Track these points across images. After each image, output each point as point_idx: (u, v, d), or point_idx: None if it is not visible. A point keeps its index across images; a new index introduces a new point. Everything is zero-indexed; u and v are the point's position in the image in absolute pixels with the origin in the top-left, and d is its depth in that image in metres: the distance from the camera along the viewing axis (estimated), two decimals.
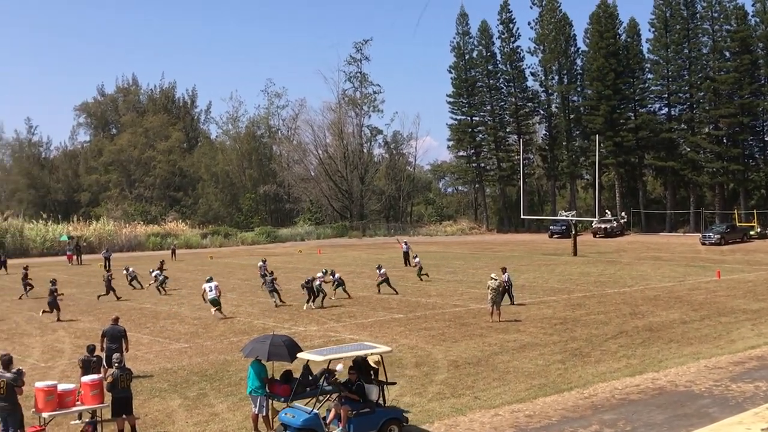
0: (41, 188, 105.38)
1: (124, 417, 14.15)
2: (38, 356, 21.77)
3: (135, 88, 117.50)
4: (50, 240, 71.45)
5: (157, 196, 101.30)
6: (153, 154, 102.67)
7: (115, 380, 14.09)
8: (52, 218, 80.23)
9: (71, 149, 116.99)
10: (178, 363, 20.41)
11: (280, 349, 14.39)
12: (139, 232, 78.38)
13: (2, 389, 13.17)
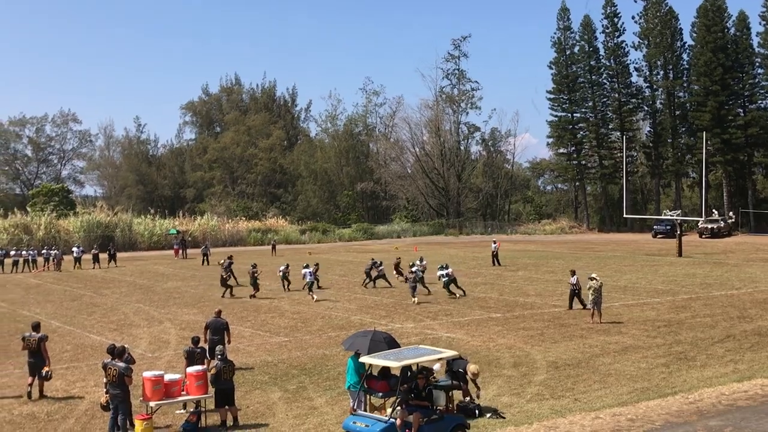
0: (149, 184, 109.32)
1: (226, 408, 14.51)
2: (145, 347, 22.57)
3: (238, 88, 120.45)
4: (157, 234, 74.04)
5: (259, 193, 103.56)
6: (255, 151, 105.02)
7: (218, 372, 14.46)
8: (159, 213, 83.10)
9: (177, 147, 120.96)
10: (278, 356, 20.79)
11: (380, 345, 14.46)
12: (241, 228, 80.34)
13: (114, 377, 13.73)
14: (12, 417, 15.35)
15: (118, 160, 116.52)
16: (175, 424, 14.66)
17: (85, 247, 57.92)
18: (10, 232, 66.90)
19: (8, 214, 73.21)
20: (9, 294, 37.20)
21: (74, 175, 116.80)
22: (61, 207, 78.06)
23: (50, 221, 69.99)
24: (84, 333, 25.15)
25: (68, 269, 50.21)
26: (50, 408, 15.76)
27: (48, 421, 14.97)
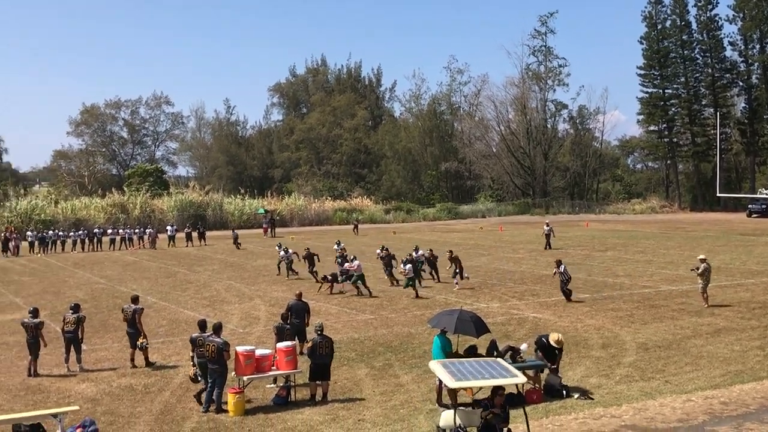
0: (238, 165, 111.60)
1: (317, 383, 14.82)
2: (237, 322, 23.19)
3: (324, 69, 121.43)
4: (247, 213, 75.76)
5: (344, 173, 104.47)
6: (340, 132, 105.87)
7: (314, 346, 14.77)
8: (248, 193, 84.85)
9: (265, 128, 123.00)
10: (364, 333, 21.07)
11: (466, 324, 14.50)
12: (327, 207, 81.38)
13: (213, 353, 14.21)
14: (111, 389, 16.04)
15: (209, 142, 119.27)
16: (265, 398, 15.06)
17: (178, 226, 59.69)
18: (107, 212, 69.63)
19: (106, 194, 76.18)
20: (107, 271, 38.73)
21: (167, 156, 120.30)
22: (155, 187, 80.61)
23: (145, 201, 72.51)
24: (178, 308, 26.01)
25: (162, 247, 51.87)
26: (147, 381, 16.40)
27: (145, 393, 15.59)
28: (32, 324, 17.17)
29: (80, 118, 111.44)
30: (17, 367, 17.70)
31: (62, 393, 15.74)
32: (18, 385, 16.39)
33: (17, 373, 17.37)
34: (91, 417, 13.60)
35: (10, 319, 23.85)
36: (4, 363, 18.55)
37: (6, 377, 17.10)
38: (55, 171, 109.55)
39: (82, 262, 43.72)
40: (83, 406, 14.53)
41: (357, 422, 13.43)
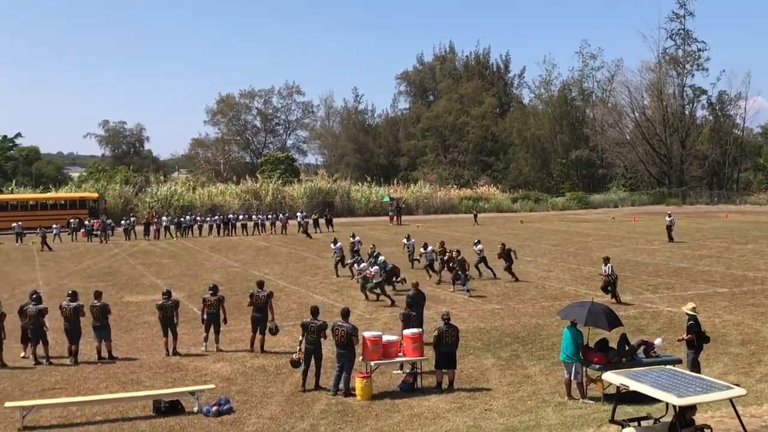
0: (365, 153, 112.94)
1: (444, 371, 14.81)
2: (363, 308, 23.50)
3: (451, 56, 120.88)
4: (373, 201, 76.67)
5: (470, 161, 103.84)
6: (467, 119, 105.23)
7: (440, 334, 14.77)
8: (375, 181, 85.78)
9: (392, 116, 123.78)
10: (490, 323, 20.89)
11: (598, 317, 14.12)
12: (452, 196, 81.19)
13: (343, 338, 14.44)
14: (245, 369, 16.60)
15: (338, 130, 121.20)
16: (392, 384, 15.19)
17: (307, 212, 61.08)
18: (241, 198, 72.24)
19: (240, 180, 78.97)
20: (241, 255, 40.09)
21: (298, 145, 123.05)
22: (286, 174, 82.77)
23: (277, 188, 74.66)
24: (308, 293, 26.60)
25: (293, 232, 53.20)
26: (278, 362, 16.85)
27: (276, 374, 16.03)
28: (167, 304, 17.98)
29: (216, 108, 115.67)
30: (157, 346, 18.58)
31: (199, 372, 16.41)
32: (158, 363, 17.21)
33: (157, 351, 18.24)
34: (226, 395, 14.13)
35: (151, 300, 25.03)
36: (145, 341, 19.53)
37: (147, 355, 17.99)
38: (193, 158, 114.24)
39: (217, 246, 45.45)
40: (219, 385, 15.11)
41: (483, 412, 13.34)
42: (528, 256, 35.09)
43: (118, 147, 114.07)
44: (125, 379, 15.92)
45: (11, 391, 15.12)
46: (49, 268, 35.70)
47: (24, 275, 33.21)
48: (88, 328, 17.97)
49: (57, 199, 63.15)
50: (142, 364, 17.19)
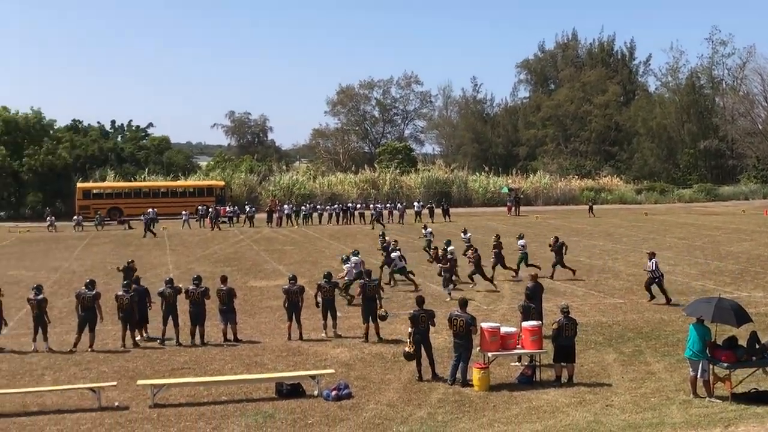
0: (483, 142, 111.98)
1: (563, 364, 14.59)
2: (480, 299, 23.40)
3: (574, 43, 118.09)
4: (491, 191, 76.08)
5: (592, 151, 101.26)
6: (589, 108, 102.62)
7: (560, 328, 14.56)
8: (493, 171, 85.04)
9: (511, 105, 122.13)
10: (612, 317, 20.40)
11: (725, 313, 13.55)
12: (573, 186, 79.54)
13: (461, 328, 14.45)
14: (363, 355, 16.86)
15: (455, 120, 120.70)
16: (510, 376, 15.08)
17: (424, 202, 61.26)
18: (360, 187, 73.24)
19: (359, 170, 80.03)
20: (359, 243, 40.54)
21: (415, 134, 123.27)
22: (403, 164, 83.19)
23: (394, 177, 75.19)
24: (425, 282, 26.69)
25: (409, 222, 53.49)
26: (396, 350, 17.00)
27: (394, 361, 16.19)
28: (293, 289, 18.47)
29: (337, 99, 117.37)
30: (280, 330, 19.12)
31: (319, 356, 16.79)
32: (280, 347, 17.71)
33: (279, 335, 18.77)
34: (345, 380, 14.40)
35: (274, 285, 25.78)
36: (268, 325, 20.13)
37: (270, 339, 18.54)
38: (314, 148, 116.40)
39: (336, 234, 46.25)
40: (338, 370, 15.41)
41: (604, 407, 13.06)
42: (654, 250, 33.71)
43: (243, 137, 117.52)
44: (249, 361, 16.46)
45: (143, 370, 15.92)
46: (179, 253, 37.29)
47: (156, 259, 34.83)
48: (213, 311, 18.70)
49: (186, 186, 65.77)
50: (265, 347, 17.74)
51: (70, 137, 75.16)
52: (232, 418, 12.90)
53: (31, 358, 17.01)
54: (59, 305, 22.43)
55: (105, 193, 62.45)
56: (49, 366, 16.30)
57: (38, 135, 66.04)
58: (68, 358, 16.91)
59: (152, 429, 12.42)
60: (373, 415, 12.87)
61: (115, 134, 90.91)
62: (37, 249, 40.05)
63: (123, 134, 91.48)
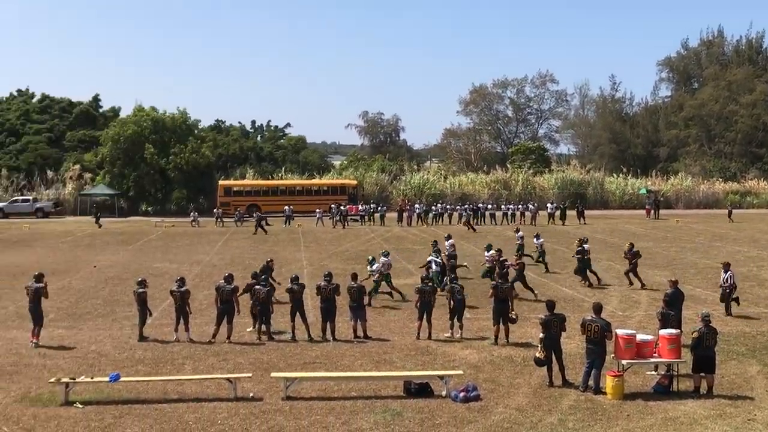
0: (621, 143, 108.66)
1: (702, 375, 13.96)
2: (616, 305, 22.71)
3: (719, 40, 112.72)
4: (628, 194, 73.73)
5: (738, 152, 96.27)
6: (735, 108, 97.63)
7: (700, 337, 13.96)
8: (631, 172, 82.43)
9: (652, 104, 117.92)
10: (756, 328, 19.38)
11: None
12: (717, 189, 75.94)
13: (596, 333, 14.08)
14: (492, 358, 16.71)
15: (592, 119, 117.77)
16: (645, 385, 14.56)
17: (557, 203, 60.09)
18: (491, 187, 72.67)
19: (490, 170, 79.39)
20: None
21: (550, 134, 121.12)
22: (537, 164, 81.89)
23: (527, 178, 74.16)
24: (557, 286, 26.20)
25: (541, 223, 52.60)
26: (526, 353, 16.73)
27: (524, 365, 15.95)
28: (426, 289, 18.56)
29: (469, 98, 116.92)
30: (409, 329, 19.23)
31: (447, 357, 16.77)
32: (409, 345, 17.81)
33: (408, 333, 18.88)
34: (473, 382, 14.32)
35: (403, 284, 25.92)
36: (397, 323, 20.30)
37: (399, 337, 18.68)
38: (445, 148, 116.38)
39: (466, 234, 46.06)
40: (466, 372, 15.34)
41: (746, 422, 12.42)
42: None
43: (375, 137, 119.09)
44: (378, 358, 16.65)
45: (276, 363, 16.39)
46: (312, 250, 38.19)
47: (290, 255, 35.82)
48: (344, 308, 19.03)
49: (320, 185, 67.28)
50: (394, 345, 17.89)
51: (213, 136, 78.50)
52: (361, 414, 13.07)
53: (172, 347, 17.85)
54: (200, 297, 23.41)
55: (244, 190, 64.84)
56: (189, 356, 17.05)
57: (184, 134, 69.16)
58: (207, 349, 17.64)
59: (284, 421, 12.77)
60: (501, 419, 12.73)
61: (255, 134, 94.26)
62: (181, 243, 42.00)
63: (262, 134, 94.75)
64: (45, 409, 13.45)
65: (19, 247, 40.57)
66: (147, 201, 68.35)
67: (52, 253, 37.63)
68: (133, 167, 65.58)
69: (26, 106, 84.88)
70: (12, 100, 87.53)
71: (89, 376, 14.78)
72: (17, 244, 41.76)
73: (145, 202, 68.29)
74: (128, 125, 67.31)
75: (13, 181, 70.84)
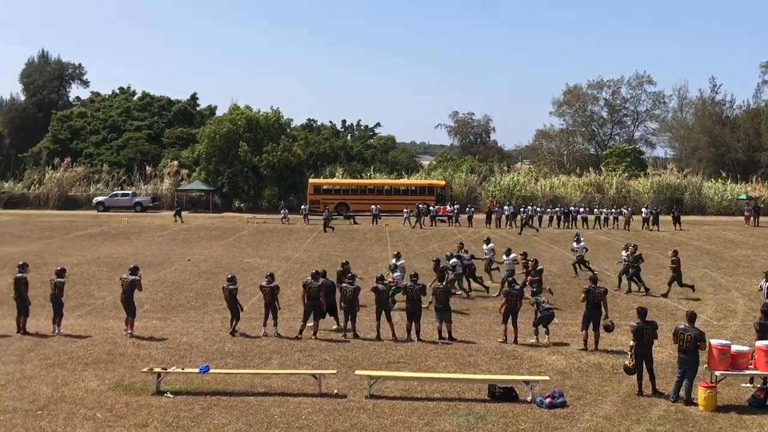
0: (721, 147, 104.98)
1: None
2: (711, 314, 21.96)
3: None
4: (727, 199, 71.16)
5: None
6: None
7: None
8: (730, 177, 79.59)
9: (754, 107, 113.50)
10: None
11: None
12: None
13: (688, 343, 13.63)
14: (580, 364, 16.38)
15: (691, 122, 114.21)
16: (739, 398, 14.02)
17: (652, 208, 58.50)
18: (583, 190, 71.29)
19: (583, 173, 77.93)
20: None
21: (646, 137, 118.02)
22: (631, 168, 79.97)
23: (621, 181, 72.44)
24: (649, 293, 25.45)
25: (636, 229, 51.29)
26: (615, 361, 16.34)
27: (613, 373, 15.57)
28: (513, 292, 18.36)
29: (563, 99, 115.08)
30: (494, 332, 19.04)
31: (534, 362, 16.52)
32: (494, 349, 17.64)
33: (493, 337, 18.69)
34: (559, 389, 14.07)
35: (491, 286, 25.69)
36: (482, 326, 20.13)
37: (484, 340, 18.53)
38: (537, 149, 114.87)
39: (557, 238, 45.35)
40: (553, 378, 15.09)
41: None
42: None
43: (465, 137, 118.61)
44: (463, 360, 16.55)
45: (361, 361, 16.48)
46: (398, 249, 38.22)
47: (376, 254, 36.01)
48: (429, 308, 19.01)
49: (408, 185, 67.41)
50: (479, 348, 17.75)
51: (305, 135, 79.71)
52: (444, 415, 13.01)
53: (260, 341, 18.18)
54: (288, 293, 23.78)
55: (334, 188, 65.60)
56: (276, 350, 17.33)
57: (276, 133, 70.42)
58: (293, 344, 17.89)
59: (367, 419, 12.83)
60: (587, 427, 12.47)
61: (345, 133, 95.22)
62: (272, 239, 42.77)
63: (352, 133, 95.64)
64: (137, 397, 13.90)
65: (118, 239, 42.12)
66: (240, 198, 69.96)
67: (149, 246, 38.91)
68: (228, 164, 67.18)
69: (127, 104, 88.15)
70: (114, 98, 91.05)
71: (180, 366, 15.20)
72: (116, 237, 43.36)
73: (238, 198, 69.91)
74: (224, 123, 69.02)
75: (114, 176, 73.66)
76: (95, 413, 12.98)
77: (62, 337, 18.38)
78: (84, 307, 22.17)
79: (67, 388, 14.40)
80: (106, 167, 74.94)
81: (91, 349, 17.31)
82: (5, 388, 14.30)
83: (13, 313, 19.32)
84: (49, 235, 44.09)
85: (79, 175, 73.15)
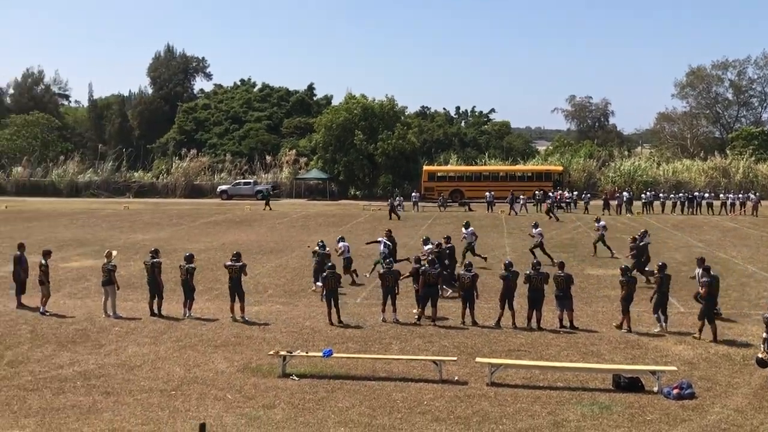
0: None
1: None
2: None
3: None
4: None
5: None
6: None
7: None
8: None
9: None
10: None
11: None
12: None
13: None
14: (708, 355, 15.85)
15: None
16: None
17: None
18: (708, 175, 68.64)
19: (707, 157, 74.90)
20: (706, 235, 38.17)
21: None
22: (760, 151, 76.28)
23: (748, 165, 69.29)
24: None
25: (765, 214, 48.98)
26: (746, 352, 15.71)
27: (744, 364, 14.99)
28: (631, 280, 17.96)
29: (686, 81, 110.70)
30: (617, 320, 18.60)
31: (659, 352, 16.09)
32: (617, 338, 17.27)
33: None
34: (687, 380, 13.67)
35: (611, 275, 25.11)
36: (605, 315, 19.69)
37: (607, 329, 18.13)
38: (658, 133, 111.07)
39: (680, 224, 43.86)
40: (680, 368, 14.65)
41: None
42: None
43: (583, 121, 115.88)
44: (585, 350, 16.28)
45: (481, 348, 16.48)
46: (515, 236, 37.94)
47: (493, 242, 35.79)
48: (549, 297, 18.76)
49: (524, 171, 66.60)
50: (602, 337, 17.41)
51: (419, 123, 79.84)
52: (568, 405, 12.87)
53: (380, 327, 18.43)
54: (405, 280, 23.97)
55: (448, 175, 65.56)
56: (396, 336, 17.54)
57: (391, 121, 70.91)
58: (413, 330, 18.06)
59: (489, 406, 12.83)
60: (718, 419, 12.07)
61: (459, 120, 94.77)
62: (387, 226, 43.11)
63: (466, 120, 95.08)
64: (264, 379, 14.38)
65: (241, 226, 43.54)
66: (355, 185, 70.93)
67: (270, 232, 40.04)
68: (344, 152, 68.21)
69: (248, 95, 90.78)
70: (236, 90, 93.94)
71: (304, 350, 15.61)
72: (240, 224, 44.84)
73: (354, 186, 70.90)
74: (340, 112, 70.10)
75: (236, 165, 76.13)
76: (225, 394, 13.51)
77: (192, 320, 19.20)
78: (212, 291, 23.06)
79: (198, 369, 15.05)
80: (229, 157, 77.52)
81: (219, 332, 18.02)
82: (141, 369, 15.07)
83: (146, 297, 20.31)
84: (178, 222, 46.07)
85: (204, 165, 76.05)
